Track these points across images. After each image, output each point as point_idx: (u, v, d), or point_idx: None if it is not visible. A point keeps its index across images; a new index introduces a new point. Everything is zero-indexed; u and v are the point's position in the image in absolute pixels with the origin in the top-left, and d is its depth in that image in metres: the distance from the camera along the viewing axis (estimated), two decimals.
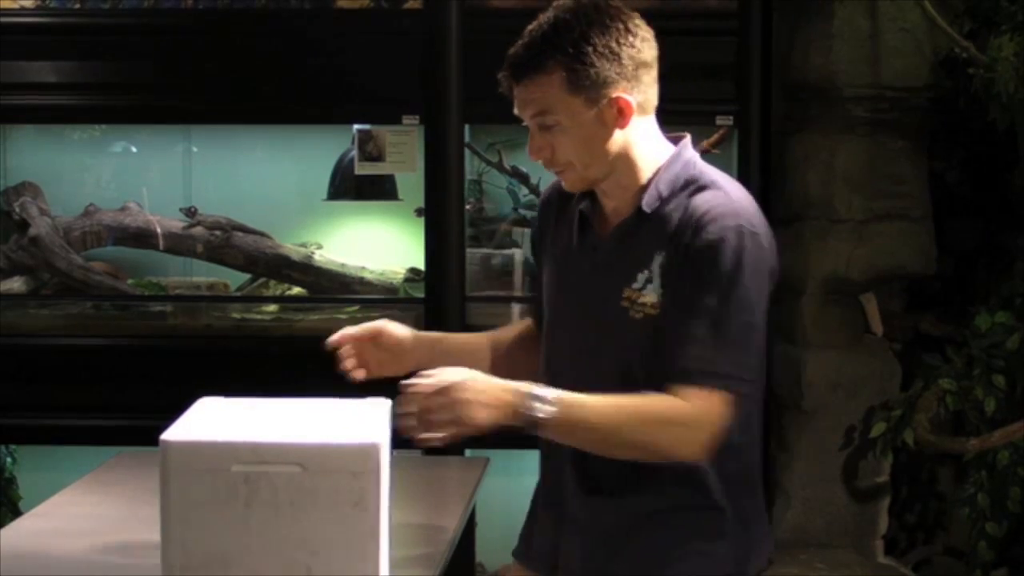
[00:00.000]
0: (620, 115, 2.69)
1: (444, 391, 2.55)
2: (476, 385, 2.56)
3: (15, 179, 5.46)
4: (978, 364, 4.66)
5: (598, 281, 2.73)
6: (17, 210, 5.34)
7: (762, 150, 5.04)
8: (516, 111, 2.72)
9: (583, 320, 2.75)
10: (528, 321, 3.01)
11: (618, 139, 2.71)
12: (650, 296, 2.66)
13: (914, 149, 4.95)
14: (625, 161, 2.72)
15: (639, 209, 2.71)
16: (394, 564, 2.84)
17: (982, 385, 4.63)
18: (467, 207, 5.15)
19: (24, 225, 5.31)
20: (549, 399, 2.55)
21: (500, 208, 5.43)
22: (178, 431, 2.60)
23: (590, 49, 2.65)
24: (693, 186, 2.73)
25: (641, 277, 2.67)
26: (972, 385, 4.66)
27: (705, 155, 5.04)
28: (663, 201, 2.70)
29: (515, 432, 2.60)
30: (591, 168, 2.71)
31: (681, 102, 4.98)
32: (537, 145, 2.71)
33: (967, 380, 4.68)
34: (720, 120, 5.04)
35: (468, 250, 5.08)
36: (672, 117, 4.90)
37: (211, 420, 2.71)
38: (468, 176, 5.18)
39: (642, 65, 2.71)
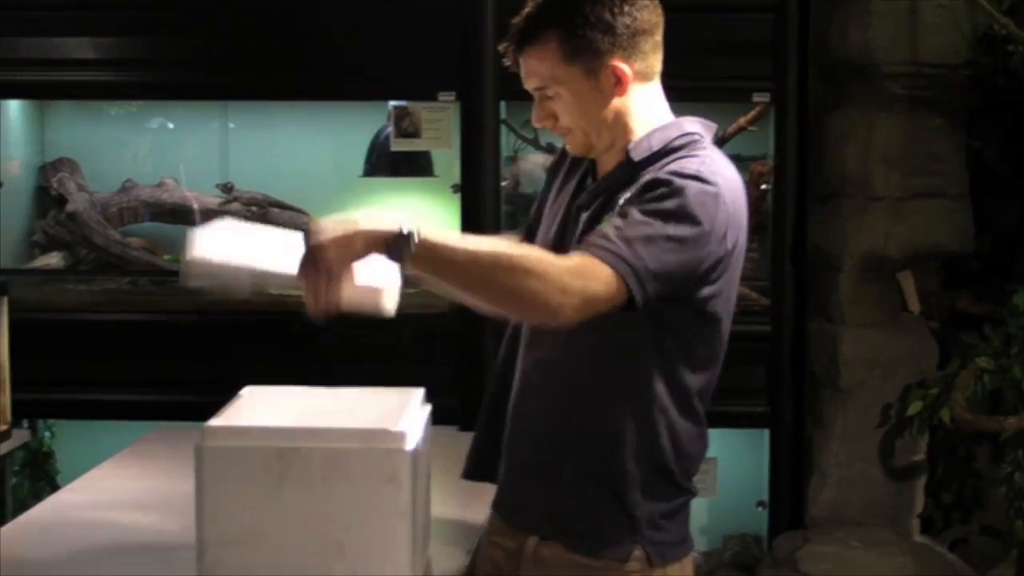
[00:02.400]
0: (618, 83, 2.72)
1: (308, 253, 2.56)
2: (330, 225, 2.56)
3: (53, 155, 5.48)
4: (1016, 342, 4.63)
5: (576, 221, 2.77)
6: (55, 186, 5.36)
7: (799, 128, 5.02)
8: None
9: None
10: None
11: (617, 106, 2.74)
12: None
13: (952, 126, 4.92)
14: (623, 127, 2.75)
15: (627, 157, 2.73)
16: (431, 541, 2.85)
17: (1020, 363, 4.61)
18: (503, 183, 5.15)
19: (62, 201, 5.33)
20: (412, 232, 2.53)
21: (536, 185, 5.42)
22: (220, 419, 2.62)
23: (582, 20, 2.69)
24: (684, 150, 2.73)
25: (607, 218, 2.67)
26: (1010, 363, 4.64)
27: (742, 132, 5.08)
28: (652, 156, 2.72)
29: None
30: (591, 135, 2.75)
31: (718, 79, 5.04)
32: (540, 115, 2.77)
33: (1004, 358, 4.66)
34: (757, 97, 5.03)
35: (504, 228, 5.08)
36: (709, 94, 4.94)
37: (251, 405, 2.73)
38: (504, 152, 5.17)
39: (640, 33, 2.73)
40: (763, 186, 5.15)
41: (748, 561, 5.15)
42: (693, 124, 2.82)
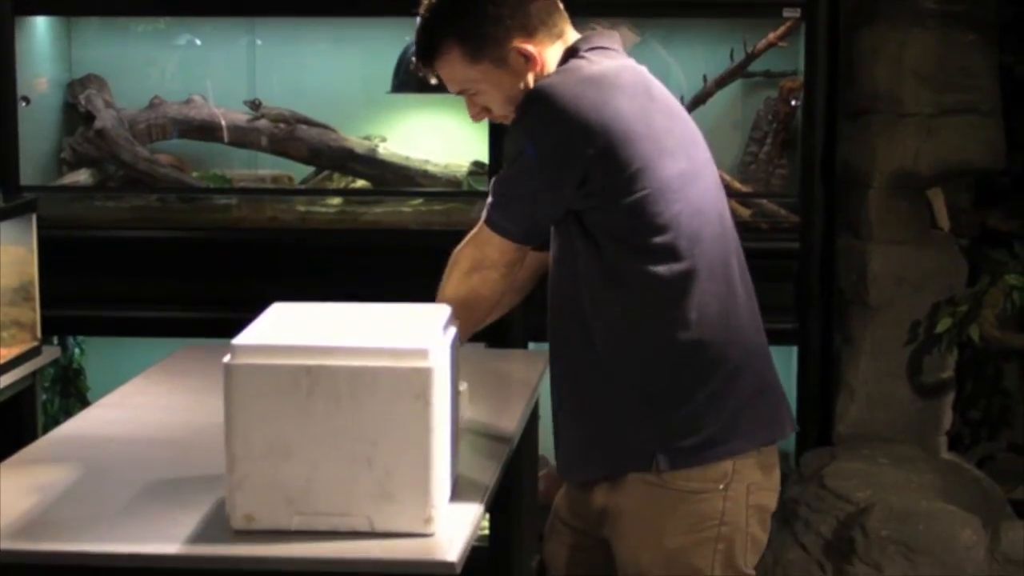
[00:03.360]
0: (528, 60, 2.82)
1: None
2: None
3: (80, 72, 5.47)
4: None
5: None
6: (83, 102, 5.35)
7: (829, 43, 4.98)
8: None
9: None
10: None
11: (537, 76, 2.83)
12: None
13: (984, 42, 4.87)
14: None
15: None
16: (460, 456, 2.87)
17: None
18: None
19: (90, 117, 5.33)
20: None
21: None
22: (248, 335, 2.62)
23: (471, 20, 2.79)
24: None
25: None
26: None
27: (771, 48, 5.05)
28: None
29: None
30: (505, 97, 2.87)
31: None
32: (473, 111, 2.94)
33: None
34: (787, 12, 4.98)
35: None
36: (738, 10, 4.91)
37: (279, 322, 2.74)
38: None
39: (527, 4, 2.81)
40: (792, 102, 5.12)
41: None
42: (581, 39, 2.88)
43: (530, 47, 2.79)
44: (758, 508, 2.86)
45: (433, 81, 2.94)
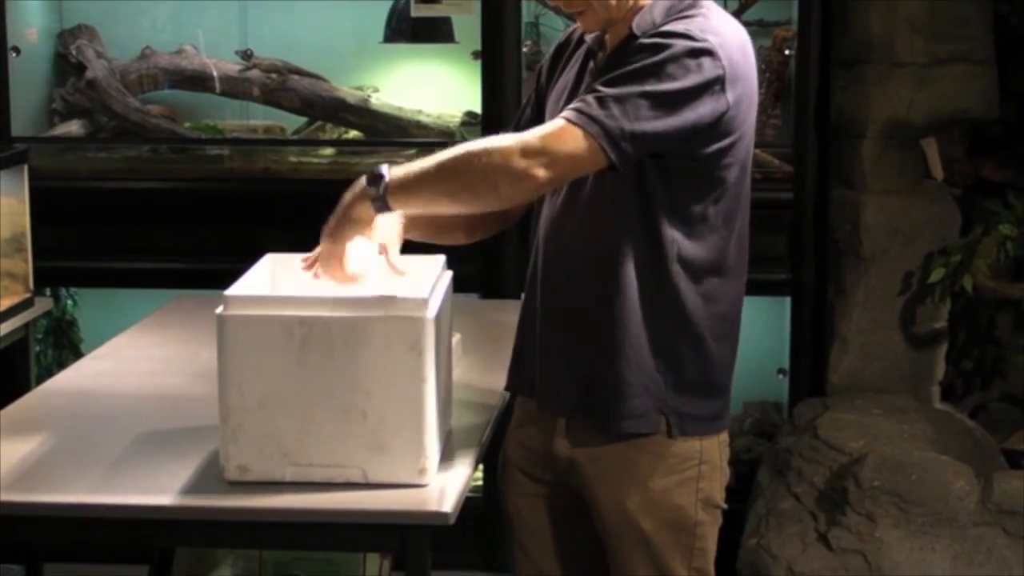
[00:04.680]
0: None
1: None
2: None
3: (71, 22, 5.44)
4: None
5: None
6: (74, 53, 5.33)
7: None
8: None
9: None
10: None
11: None
12: None
13: None
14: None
15: (630, 31, 2.72)
16: (453, 407, 2.87)
17: None
18: (524, 49, 5.11)
19: (81, 68, 5.31)
20: (383, 169, 2.64)
21: None
22: (241, 286, 2.62)
23: None
24: (683, 14, 2.72)
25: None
26: None
27: None
28: (655, 27, 2.70)
29: None
30: (609, 7, 2.72)
31: None
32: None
33: None
34: None
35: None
36: None
37: (273, 273, 2.73)
38: (525, 18, 5.13)
39: None
40: (786, 51, 5.11)
41: (768, 428, 5.18)
42: None
43: None
44: (725, 443, 2.88)
45: None
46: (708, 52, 2.62)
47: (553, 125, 2.60)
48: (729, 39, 2.69)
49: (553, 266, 2.80)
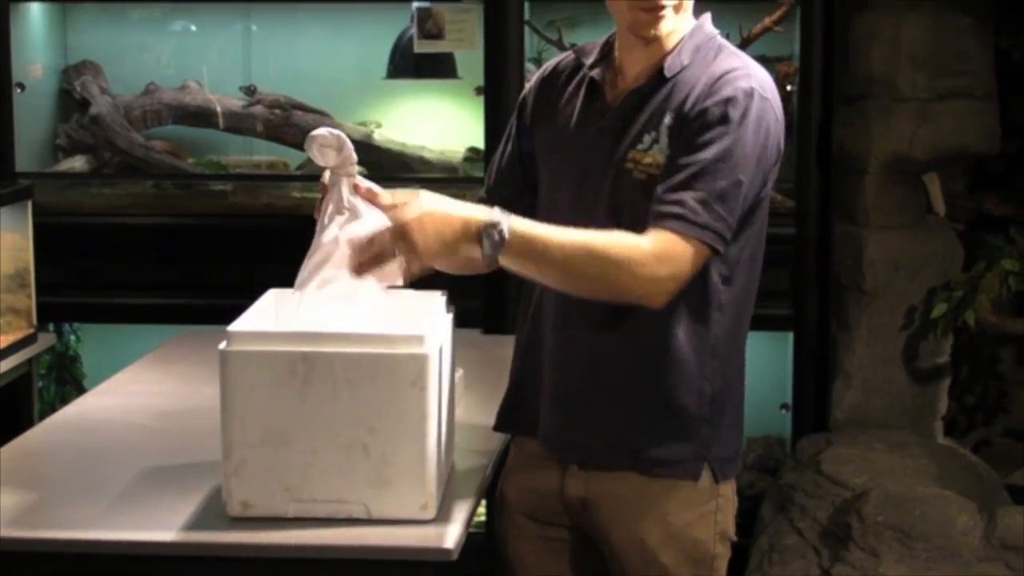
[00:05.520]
0: None
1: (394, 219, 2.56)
2: (425, 207, 2.55)
3: (76, 58, 5.47)
4: None
5: (603, 143, 2.75)
6: (78, 89, 5.35)
7: (825, 27, 4.98)
8: None
9: (584, 180, 2.76)
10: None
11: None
12: (654, 156, 2.68)
13: (980, 26, 4.87)
14: (687, 12, 2.78)
15: (660, 73, 2.73)
16: (456, 442, 2.86)
17: None
18: (527, 85, 5.11)
19: (85, 104, 5.33)
20: (504, 224, 2.53)
21: None
22: (244, 322, 2.62)
23: None
24: (716, 56, 2.74)
25: (648, 138, 2.69)
26: None
27: (767, 32, 5.04)
28: (683, 68, 2.72)
29: None
30: (679, 17, 2.75)
31: None
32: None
33: None
34: None
35: None
36: None
37: (275, 309, 2.73)
38: (528, 54, 5.14)
39: None
40: (788, 87, 5.12)
41: (771, 463, 5.17)
42: (708, 22, 2.83)
43: None
44: (734, 479, 2.88)
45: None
46: (770, 105, 2.68)
47: (672, 245, 2.57)
48: (769, 82, 2.74)
49: (574, 307, 2.74)
